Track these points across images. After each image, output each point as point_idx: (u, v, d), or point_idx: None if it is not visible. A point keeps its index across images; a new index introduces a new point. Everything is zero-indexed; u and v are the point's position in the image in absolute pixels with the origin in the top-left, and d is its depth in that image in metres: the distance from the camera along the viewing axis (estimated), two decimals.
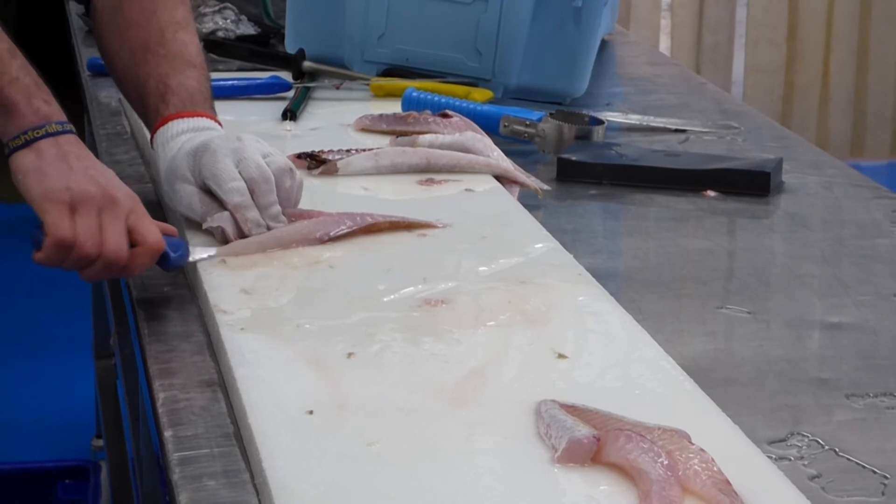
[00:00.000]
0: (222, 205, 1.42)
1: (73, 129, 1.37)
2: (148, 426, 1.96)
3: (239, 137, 1.45)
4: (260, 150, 1.44)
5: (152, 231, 1.33)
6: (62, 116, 1.37)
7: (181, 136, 1.48)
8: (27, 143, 1.34)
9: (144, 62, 1.54)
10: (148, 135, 1.55)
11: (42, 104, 1.36)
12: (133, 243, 1.32)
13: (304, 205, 1.47)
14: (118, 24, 1.58)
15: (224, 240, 1.41)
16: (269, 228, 1.41)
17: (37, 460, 2.97)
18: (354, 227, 1.45)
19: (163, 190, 1.50)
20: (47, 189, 1.31)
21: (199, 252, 1.39)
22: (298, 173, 1.47)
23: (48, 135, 1.34)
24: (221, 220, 1.42)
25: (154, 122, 1.51)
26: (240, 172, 1.42)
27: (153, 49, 1.54)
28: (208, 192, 1.43)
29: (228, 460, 1.06)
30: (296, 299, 1.32)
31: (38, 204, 1.31)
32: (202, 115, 1.50)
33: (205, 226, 1.43)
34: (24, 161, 1.34)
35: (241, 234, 1.41)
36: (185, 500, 1.01)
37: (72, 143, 1.35)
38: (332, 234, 1.43)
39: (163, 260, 1.35)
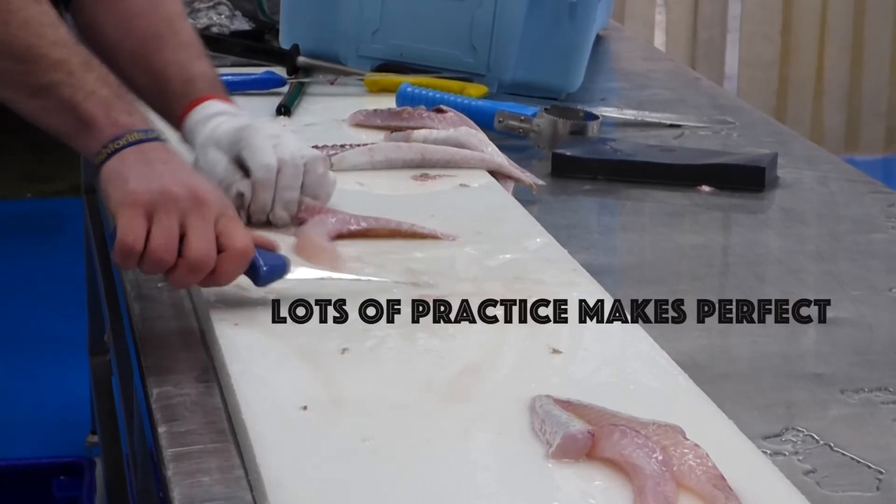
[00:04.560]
0: (245, 176, 1.44)
1: (160, 137, 1.31)
2: (142, 422, 1.96)
3: (282, 128, 1.51)
4: (296, 143, 1.48)
5: (241, 236, 1.25)
6: (146, 125, 1.31)
7: (221, 115, 1.49)
8: (109, 156, 1.27)
9: (158, 50, 1.54)
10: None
11: (122, 115, 1.29)
12: (220, 249, 1.24)
13: None
14: (119, 14, 1.58)
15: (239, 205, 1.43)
16: (267, 216, 1.44)
17: (32, 457, 2.96)
18: (355, 229, 1.46)
19: (196, 158, 1.49)
20: (126, 192, 1.24)
21: (302, 272, 1.32)
22: (332, 173, 1.50)
23: (129, 144, 1.28)
24: (244, 185, 1.44)
25: (183, 103, 1.51)
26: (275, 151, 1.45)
27: (166, 38, 1.55)
28: (236, 164, 1.45)
29: (222, 456, 1.06)
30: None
31: (114, 208, 1.24)
32: (230, 103, 1.53)
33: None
34: (106, 170, 1.27)
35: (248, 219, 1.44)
36: (178, 495, 1.01)
37: (157, 150, 1.28)
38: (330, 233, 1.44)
39: (254, 272, 1.27)
